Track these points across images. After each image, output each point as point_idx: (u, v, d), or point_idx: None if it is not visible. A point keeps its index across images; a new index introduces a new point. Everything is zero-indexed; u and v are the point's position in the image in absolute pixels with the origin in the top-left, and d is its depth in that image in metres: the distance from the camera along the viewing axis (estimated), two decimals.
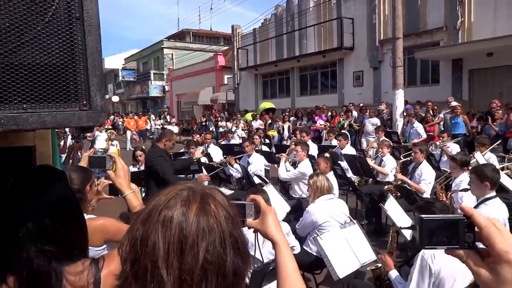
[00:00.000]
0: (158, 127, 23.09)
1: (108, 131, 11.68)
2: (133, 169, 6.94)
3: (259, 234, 1.17)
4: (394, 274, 2.96)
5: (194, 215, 0.81)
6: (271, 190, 4.63)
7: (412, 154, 6.03)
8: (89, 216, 2.11)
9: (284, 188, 7.21)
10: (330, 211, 3.99)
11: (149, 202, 0.87)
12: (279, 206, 4.62)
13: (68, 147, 6.91)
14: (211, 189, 0.89)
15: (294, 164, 6.78)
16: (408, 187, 5.60)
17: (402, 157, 6.74)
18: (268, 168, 8.17)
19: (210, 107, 25.94)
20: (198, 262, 0.77)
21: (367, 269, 3.51)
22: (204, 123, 21.01)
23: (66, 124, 1.12)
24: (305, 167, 5.91)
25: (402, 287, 2.81)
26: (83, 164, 3.27)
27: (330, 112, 14.77)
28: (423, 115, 11.28)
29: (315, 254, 3.82)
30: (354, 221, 3.79)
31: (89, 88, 1.12)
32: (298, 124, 14.27)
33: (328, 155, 5.97)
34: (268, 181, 6.32)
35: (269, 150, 9.57)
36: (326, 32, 18.00)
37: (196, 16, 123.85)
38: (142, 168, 6.27)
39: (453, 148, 7.80)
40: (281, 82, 21.65)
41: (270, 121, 16.11)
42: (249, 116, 17.69)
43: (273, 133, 14.86)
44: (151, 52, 36.60)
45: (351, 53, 17.09)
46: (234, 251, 0.82)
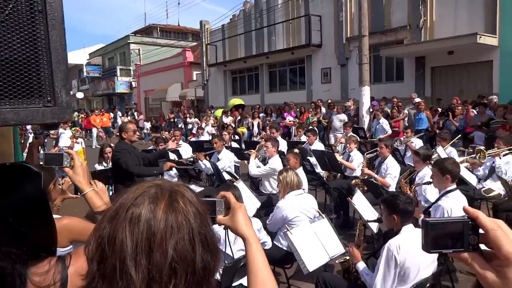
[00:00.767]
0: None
1: (73, 129, 11.30)
2: (99, 167, 6.77)
3: (229, 230, 1.18)
4: (361, 265, 3.04)
5: (163, 212, 0.80)
6: (241, 186, 4.64)
7: (378, 149, 6.20)
8: (54, 216, 2.05)
9: (254, 184, 7.24)
10: (300, 206, 4.04)
11: (116, 200, 0.86)
12: (250, 202, 4.65)
13: (29, 144, 6.63)
14: (180, 186, 0.89)
15: (264, 160, 6.81)
16: (374, 181, 5.76)
17: (366, 154, 6.91)
18: (238, 165, 8.17)
19: (179, 104, 25.60)
20: (167, 259, 0.77)
21: (336, 262, 3.60)
22: (172, 120, 20.72)
23: (29, 121, 1.08)
24: (275, 163, 5.95)
25: (369, 278, 2.89)
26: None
27: (299, 108, 14.94)
28: (389, 111, 11.60)
29: (285, 248, 3.87)
30: (323, 215, 3.87)
31: (53, 84, 1.09)
32: (267, 120, 14.34)
33: (297, 150, 6.03)
34: (238, 177, 6.33)
35: (238, 147, 9.57)
36: (294, 29, 18.15)
37: (164, 11, 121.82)
38: (110, 166, 6.12)
39: (416, 143, 8.07)
40: (250, 78, 21.65)
41: (239, 117, 16.10)
42: (219, 112, 17.61)
43: (242, 130, 14.88)
44: (117, 47, 35.52)
45: (319, 50, 17.32)
46: (203, 247, 0.82)
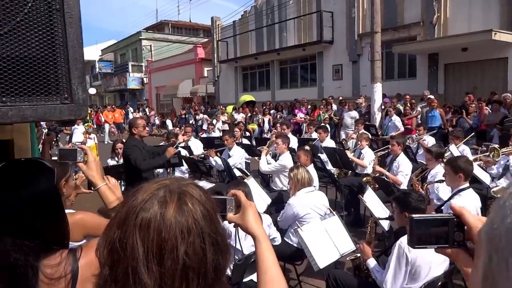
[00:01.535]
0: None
1: (86, 124, 11.42)
2: (111, 162, 6.85)
3: (239, 228, 1.20)
4: (372, 263, 3.03)
5: (172, 217, 0.80)
6: (252, 183, 4.65)
7: (390, 146, 6.15)
8: (68, 211, 2.08)
9: (265, 180, 7.25)
10: (311, 203, 4.04)
11: (125, 201, 0.86)
12: (260, 198, 4.66)
13: (42, 140, 6.73)
14: (188, 185, 0.89)
15: (275, 157, 6.81)
16: (386, 178, 5.72)
17: (375, 153, 6.85)
18: (249, 161, 8.18)
19: (190, 100, 25.67)
20: (179, 265, 0.78)
21: (347, 259, 3.59)
22: (183, 116, 20.82)
23: (47, 118, 1.10)
24: (286, 159, 5.95)
25: (380, 275, 2.88)
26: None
27: (310, 105, 14.87)
28: (401, 108, 11.48)
29: (295, 245, 3.87)
30: (334, 212, 3.87)
31: (70, 81, 1.10)
32: (278, 117, 14.31)
33: (308, 147, 6.03)
34: (249, 174, 6.35)
35: (249, 143, 9.59)
36: (305, 25, 18.04)
37: (175, 7, 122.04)
38: (121, 161, 6.20)
39: (429, 140, 7.98)
40: (261, 75, 21.60)
41: (250, 114, 16.09)
42: (230, 108, 17.64)
43: (253, 126, 14.87)
44: (129, 44, 35.77)
45: (331, 46, 17.20)
46: (214, 248, 0.83)
